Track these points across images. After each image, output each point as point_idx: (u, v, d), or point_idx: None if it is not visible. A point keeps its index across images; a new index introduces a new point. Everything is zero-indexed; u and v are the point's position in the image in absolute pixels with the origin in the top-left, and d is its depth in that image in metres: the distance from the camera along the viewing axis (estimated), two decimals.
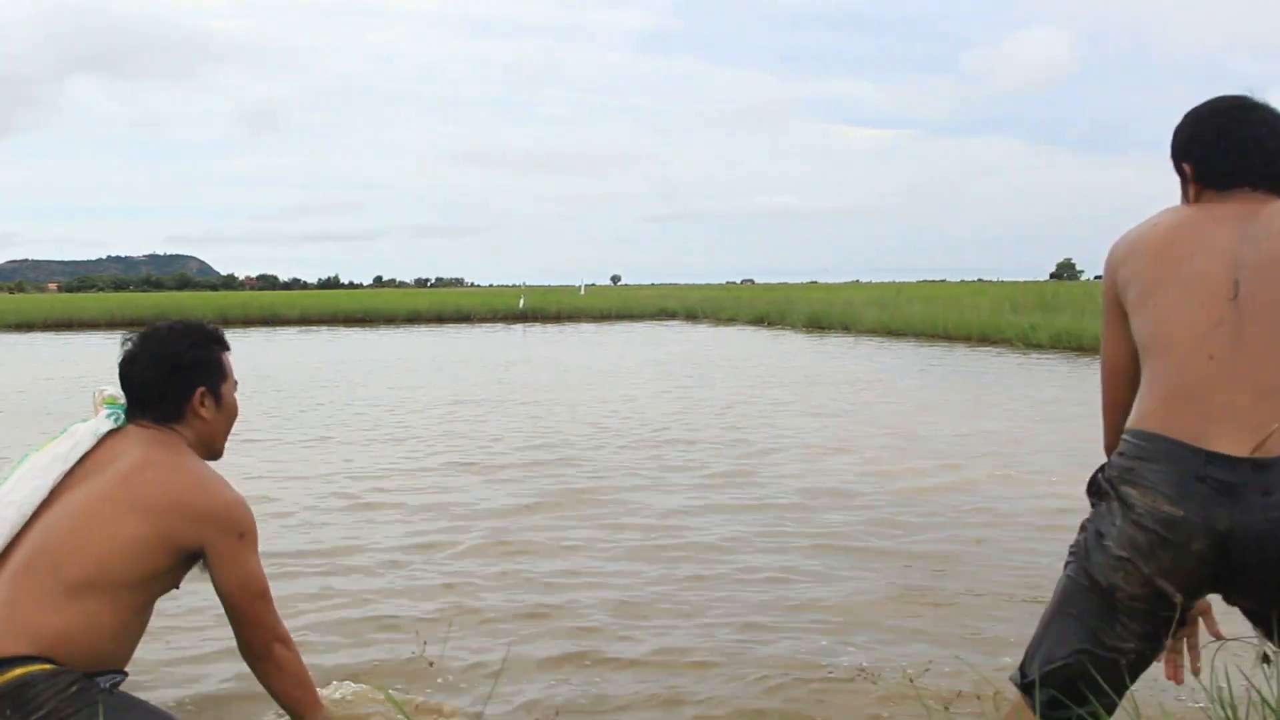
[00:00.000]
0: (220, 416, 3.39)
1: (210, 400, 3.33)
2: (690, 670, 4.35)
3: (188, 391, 3.30)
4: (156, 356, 3.29)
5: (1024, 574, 5.68)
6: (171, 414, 3.28)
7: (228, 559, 3.12)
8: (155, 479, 3.10)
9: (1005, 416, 12.30)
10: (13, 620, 2.88)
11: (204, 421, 3.33)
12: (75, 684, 2.87)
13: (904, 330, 29.72)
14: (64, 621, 2.91)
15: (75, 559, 2.96)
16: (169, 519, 3.05)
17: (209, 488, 3.16)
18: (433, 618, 5.02)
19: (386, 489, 8.12)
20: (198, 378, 3.32)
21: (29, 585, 2.94)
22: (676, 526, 6.81)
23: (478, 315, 45.40)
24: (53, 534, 3.01)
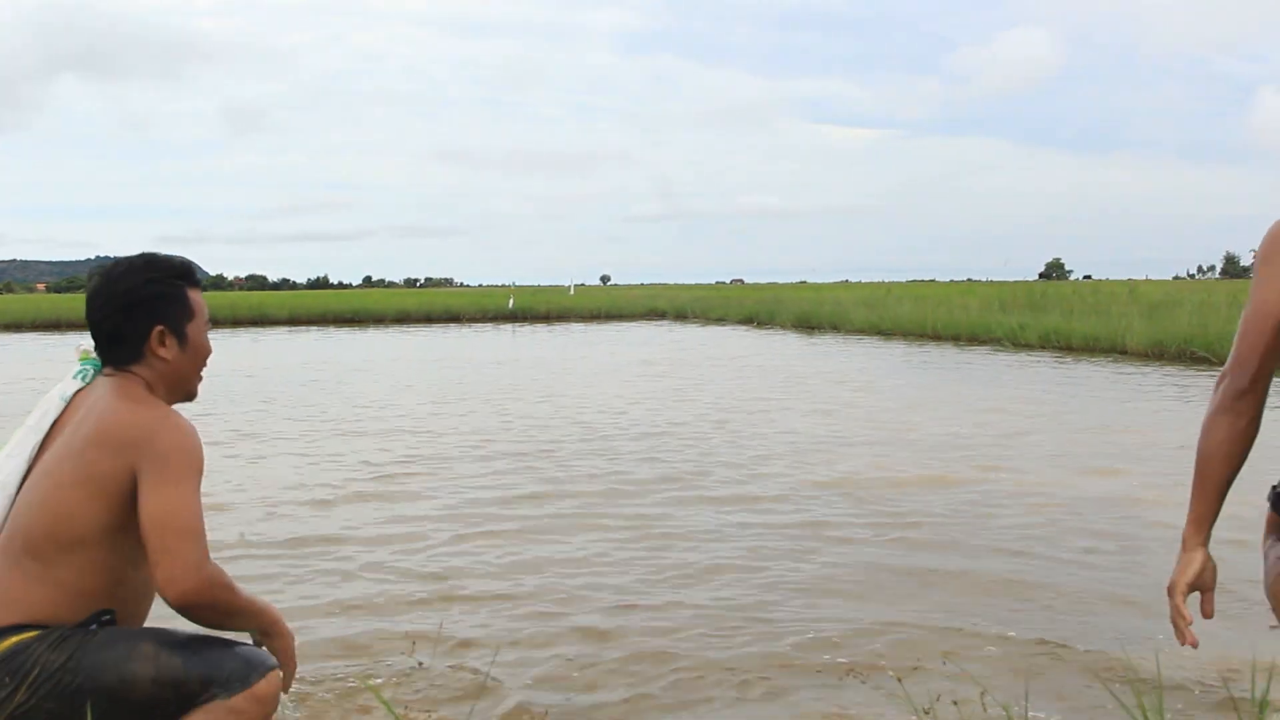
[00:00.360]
0: (184, 356, 3.15)
1: (171, 339, 3.10)
2: (682, 670, 4.34)
3: (145, 330, 3.08)
4: (112, 294, 3.10)
5: (1012, 572, 5.68)
6: (129, 355, 3.09)
7: (155, 483, 2.84)
8: (91, 423, 2.94)
9: (995, 414, 12.30)
10: (3, 596, 2.85)
11: (165, 362, 3.11)
12: (63, 636, 2.82)
13: (893, 330, 29.77)
14: (48, 590, 2.86)
15: (43, 527, 2.87)
16: (100, 458, 2.87)
17: (137, 415, 2.93)
18: (423, 616, 5.02)
19: (374, 485, 8.11)
20: (155, 315, 3.10)
21: (10, 560, 2.89)
22: (665, 526, 6.81)
23: (467, 315, 45.42)
24: (23, 507, 2.94)
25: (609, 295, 64.14)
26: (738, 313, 41.54)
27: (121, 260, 3.20)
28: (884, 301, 37.52)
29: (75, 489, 2.86)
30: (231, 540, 6.40)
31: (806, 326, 34.65)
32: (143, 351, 3.07)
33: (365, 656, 4.51)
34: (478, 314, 45.69)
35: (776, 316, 37.54)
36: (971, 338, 26.17)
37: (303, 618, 4.98)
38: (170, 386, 3.14)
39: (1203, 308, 25.64)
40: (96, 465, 2.86)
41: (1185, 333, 20.18)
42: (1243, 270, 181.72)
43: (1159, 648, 4.36)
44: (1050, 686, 3.98)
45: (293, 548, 6.31)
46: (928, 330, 28.19)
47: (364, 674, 4.26)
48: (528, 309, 46.96)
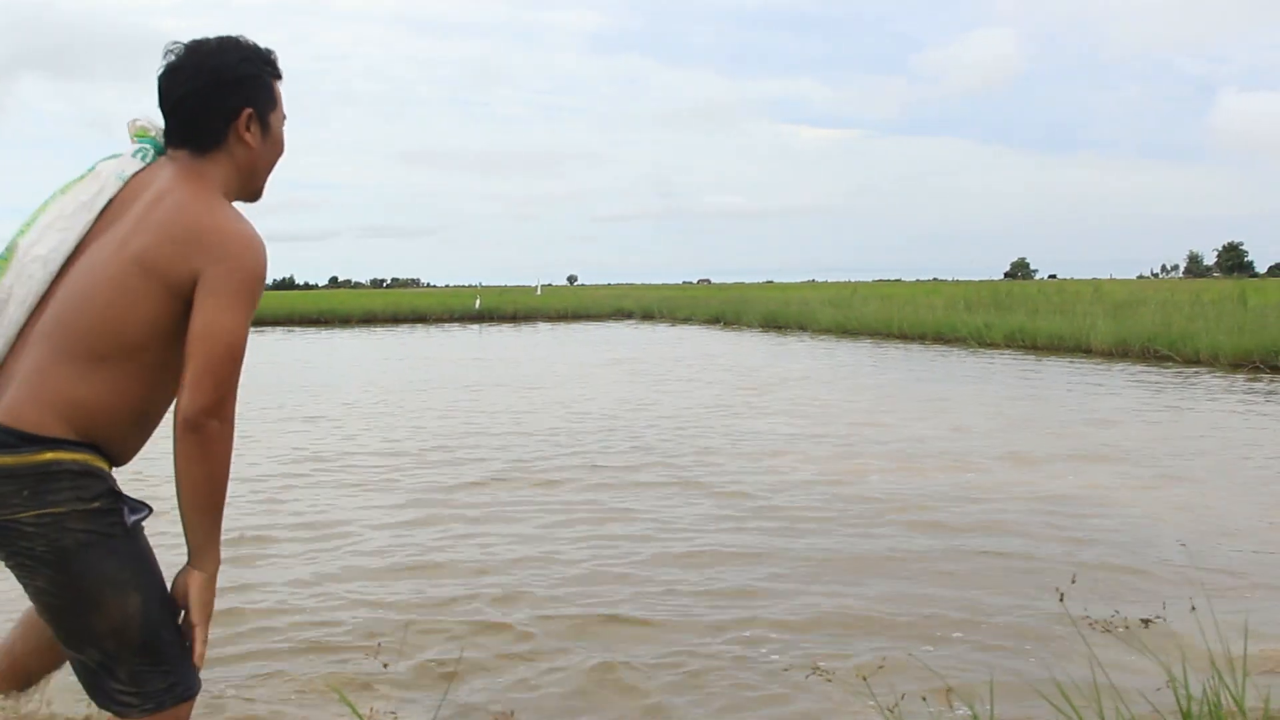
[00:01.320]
0: (266, 147, 3.01)
1: (256, 126, 2.95)
2: (641, 670, 4.32)
3: (234, 111, 2.91)
4: (201, 68, 2.88)
5: (976, 569, 5.69)
6: (211, 138, 2.90)
7: (214, 295, 2.68)
8: (157, 219, 2.74)
9: (959, 412, 12.34)
10: (42, 390, 2.67)
11: (248, 149, 2.96)
12: (99, 499, 2.67)
13: (859, 329, 29.87)
14: (90, 393, 2.68)
15: (93, 324, 2.69)
16: (163, 257, 2.69)
17: (215, 217, 2.77)
18: (388, 615, 4.97)
19: (334, 479, 8.06)
20: (246, 96, 2.93)
21: (54, 352, 2.69)
22: (631, 523, 6.78)
23: (433, 315, 45.33)
24: (73, 296, 2.74)
25: (576, 295, 64.18)
26: (705, 312, 41.60)
27: (208, 38, 2.97)
28: (850, 301, 37.65)
29: (133, 284, 2.69)
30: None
31: (773, 326, 34.74)
32: (226, 135, 2.92)
33: (327, 654, 4.47)
34: (444, 314, 45.62)
35: (743, 316, 37.61)
36: (937, 337, 26.28)
37: (263, 618, 4.94)
38: (244, 180, 2.99)
39: (1166, 306, 25.82)
40: (160, 262, 2.69)
41: (1149, 331, 20.31)
42: (1205, 270, 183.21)
43: (1123, 643, 4.39)
44: (1016, 682, 3.98)
45: (253, 544, 6.26)
46: (894, 330, 28.28)
47: (328, 676, 4.23)
48: (494, 309, 46.90)
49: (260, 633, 4.75)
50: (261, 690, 4.08)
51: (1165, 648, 3.49)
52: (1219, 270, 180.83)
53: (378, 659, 4.37)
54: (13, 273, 2.80)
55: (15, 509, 2.59)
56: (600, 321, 44.73)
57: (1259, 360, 17.35)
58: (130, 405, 2.74)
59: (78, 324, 2.69)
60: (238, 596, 5.22)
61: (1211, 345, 18.41)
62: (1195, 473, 8.45)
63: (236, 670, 4.28)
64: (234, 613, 4.96)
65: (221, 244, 2.71)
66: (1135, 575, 5.56)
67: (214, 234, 2.72)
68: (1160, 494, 7.57)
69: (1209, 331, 19.21)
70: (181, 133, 2.91)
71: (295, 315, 43.85)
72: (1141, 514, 6.92)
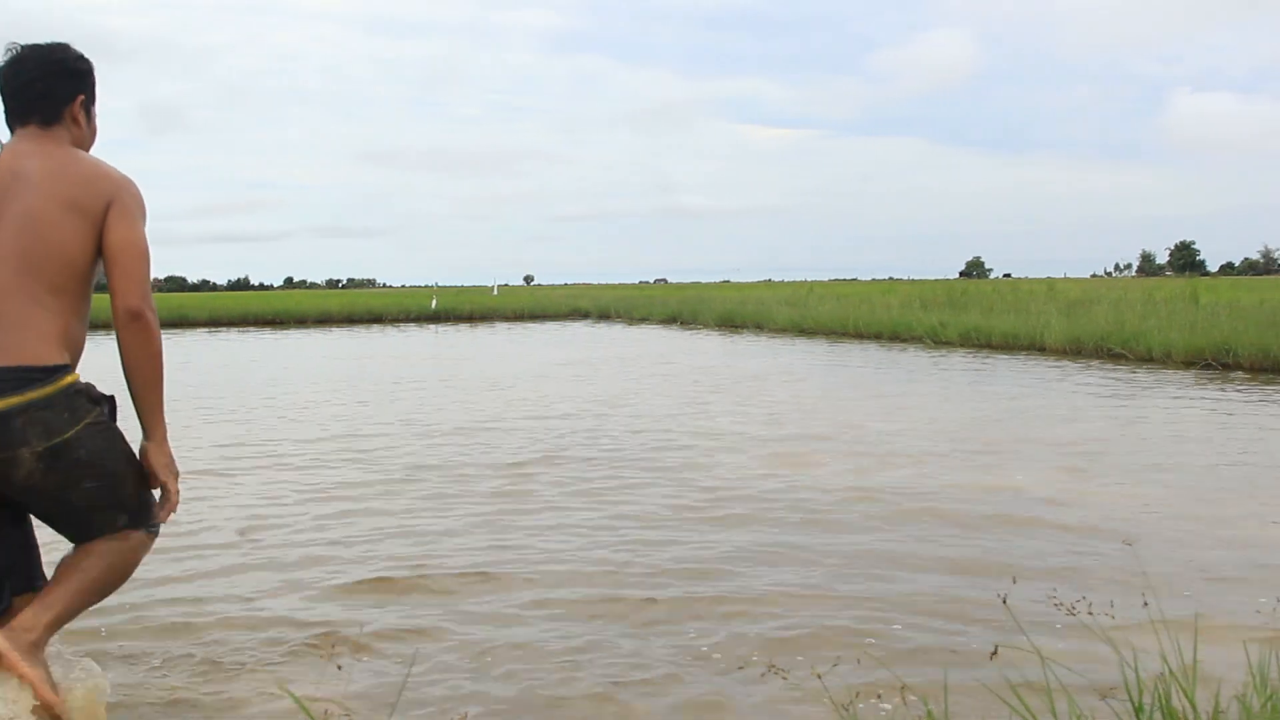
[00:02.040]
0: (88, 132, 3.71)
1: (84, 111, 3.67)
2: (593, 671, 4.30)
3: (71, 95, 3.62)
4: (47, 59, 3.59)
5: (931, 565, 5.70)
6: (53, 115, 3.58)
7: (124, 216, 3.46)
8: (74, 175, 3.46)
9: (915, 411, 12.38)
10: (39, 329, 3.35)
11: (78, 129, 3.66)
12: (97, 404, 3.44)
13: (815, 329, 29.98)
14: (63, 319, 3.41)
15: (53, 264, 3.38)
16: (91, 199, 3.43)
17: (112, 169, 3.55)
18: (341, 616, 4.95)
19: (291, 483, 8.01)
20: (79, 86, 3.66)
21: (31, 298, 3.36)
22: (587, 522, 6.77)
23: (390, 316, 45.18)
24: (27, 249, 3.38)
25: (532, 295, 64.21)
26: (661, 312, 41.64)
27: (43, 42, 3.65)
28: (806, 300, 37.79)
29: (71, 224, 3.40)
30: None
31: (730, 325, 34.81)
32: (63, 114, 3.60)
33: (278, 652, 4.43)
34: (400, 314, 45.49)
35: (700, 316, 37.66)
36: (893, 336, 26.40)
37: (211, 618, 4.90)
38: None
39: (1119, 305, 26.04)
40: (84, 202, 3.42)
41: (1102, 330, 20.47)
42: (1158, 268, 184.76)
43: (1075, 639, 4.41)
44: (970, 680, 3.99)
45: (188, 537, 6.20)
46: (849, 329, 28.38)
47: (281, 680, 4.19)
48: (451, 309, 46.84)
49: (209, 632, 4.71)
50: (210, 688, 4.04)
51: (1117, 643, 3.50)
52: (1171, 269, 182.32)
53: (331, 660, 4.33)
54: None
55: (64, 429, 3.31)
56: (557, 321, 44.72)
57: (1211, 358, 17.50)
58: (84, 320, 3.51)
59: (44, 268, 3.37)
60: (186, 589, 5.18)
61: (1164, 343, 18.56)
62: (1147, 469, 8.50)
63: (184, 669, 4.24)
64: (184, 607, 4.91)
65: (118, 183, 3.51)
66: (1086, 571, 5.59)
67: (109, 177, 3.51)
68: (1113, 490, 7.61)
69: (1162, 329, 19.37)
70: (28, 109, 3.57)
71: (250, 316, 43.65)
72: (1094, 510, 6.96)
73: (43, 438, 3.28)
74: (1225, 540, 6.18)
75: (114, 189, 3.48)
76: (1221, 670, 3.73)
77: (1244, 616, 4.82)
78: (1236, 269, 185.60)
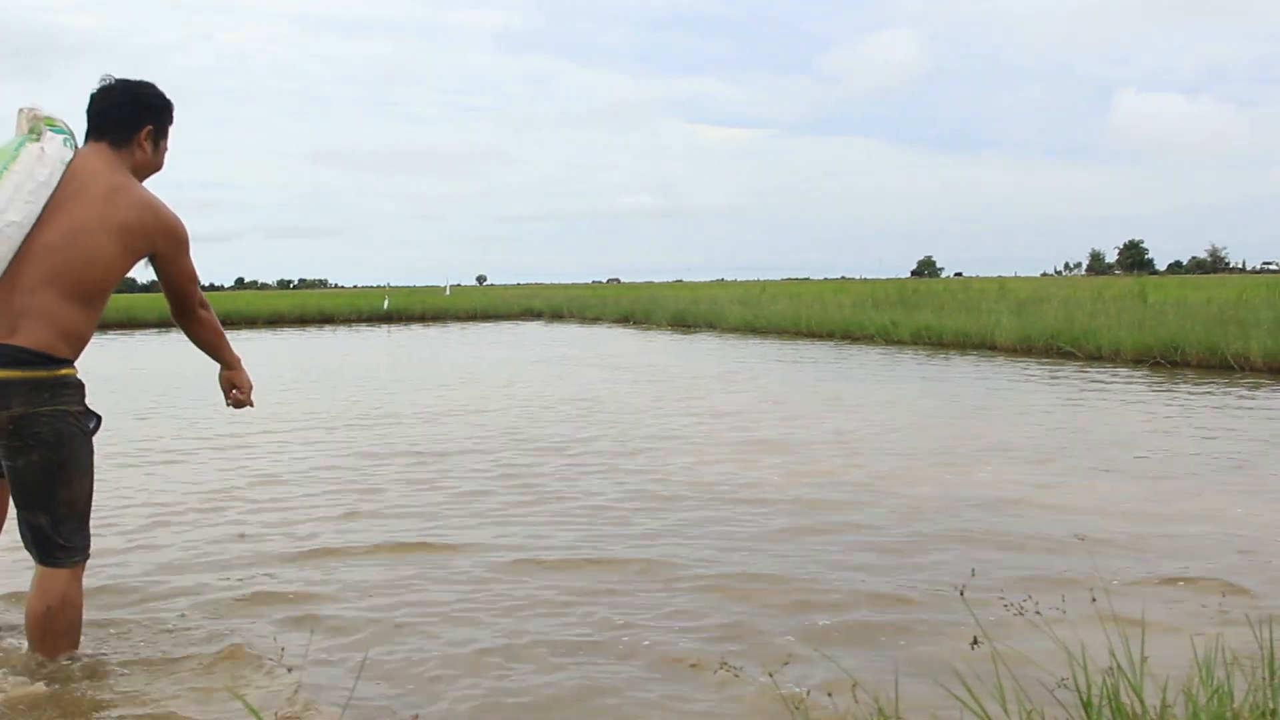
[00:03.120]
0: (150, 158, 4.41)
1: (149, 141, 4.38)
2: (539, 674, 4.29)
3: (140, 124, 4.34)
4: (129, 91, 4.36)
5: (878, 566, 5.72)
6: (123, 139, 4.31)
7: (174, 261, 4.33)
8: (126, 203, 4.14)
9: (866, 409, 12.43)
10: (55, 323, 4.01)
11: (142, 153, 4.37)
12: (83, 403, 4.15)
13: (768, 328, 30.05)
14: (79, 323, 4.09)
15: (85, 273, 4.06)
16: (136, 237, 4.16)
17: (162, 211, 4.25)
18: (291, 618, 4.91)
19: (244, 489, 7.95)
20: (150, 118, 4.38)
21: (59, 296, 4.03)
22: (533, 520, 6.75)
23: (341, 316, 44.95)
24: (62, 251, 4.04)
25: (485, 295, 64.08)
26: (614, 311, 41.63)
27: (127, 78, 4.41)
28: (759, 300, 37.93)
29: (114, 249, 4.11)
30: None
31: (682, 325, 34.84)
32: (131, 140, 4.33)
33: (230, 657, 4.39)
34: (352, 315, 45.24)
35: (653, 315, 37.67)
36: (845, 335, 26.50)
37: (156, 620, 4.85)
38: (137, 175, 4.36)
39: (1069, 303, 26.28)
40: (133, 236, 4.15)
41: (1052, 328, 20.63)
42: (1107, 267, 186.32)
43: (1024, 635, 4.43)
44: (921, 675, 4.00)
45: (142, 533, 6.14)
46: (802, 328, 28.46)
47: (234, 681, 4.15)
48: (403, 310, 46.68)
49: (154, 633, 4.67)
50: (158, 690, 4.00)
51: (1066, 639, 3.52)
52: (1120, 268, 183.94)
53: (281, 662, 4.30)
54: None
55: (39, 404, 3.97)
56: (510, 321, 44.65)
57: (1159, 355, 17.66)
58: (93, 325, 4.18)
59: (75, 278, 4.04)
60: (130, 580, 5.13)
61: (1113, 341, 18.72)
62: (1096, 466, 8.57)
63: (134, 671, 4.19)
64: (124, 598, 4.87)
65: (167, 225, 4.25)
66: (1037, 568, 5.62)
67: (158, 216, 4.22)
68: (1063, 488, 7.67)
69: (1111, 328, 19.54)
70: (105, 129, 4.30)
71: None
72: (1045, 507, 7.00)
73: (20, 406, 3.94)
74: (1173, 536, 6.23)
75: (162, 230, 4.23)
76: (1169, 665, 3.76)
77: (1191, 612, 4.86)
78: (1184, 268, 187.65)
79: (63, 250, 4.02)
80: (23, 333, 3.95)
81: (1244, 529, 6.38)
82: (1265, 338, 16.49)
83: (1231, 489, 7.61)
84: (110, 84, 4.34)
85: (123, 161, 4.28)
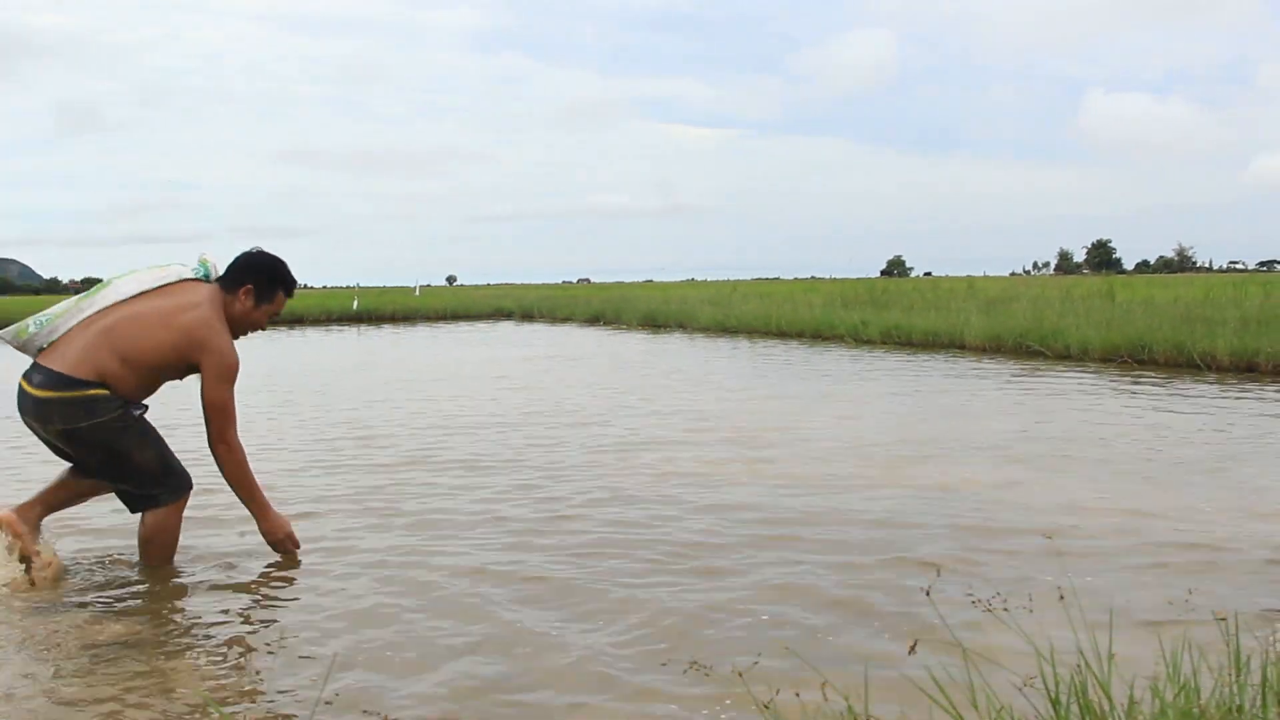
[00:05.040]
0: (246, 313, 5.71)
1: (250, 298, 5.70)
2: (520, 672, 4.29)
3: (243, 282, 5.69)
4: (248, 255, 5.76)
5: (846, 565, 5.73)
6: (230, 285, 5.69)
7: (209, 381, 5.44)
8: (193, 316, 5.45)
9: (836, 408, 12.45)
10: (92, 359, 5.31)
11: (239, 304, 5.69)
12: (120, 406, 5.36)
13: (739, 327, 30.08)
14: (116, 372, 5.33)
15: (132, 342, 5.36)
16: (187, 343, 5.41)
17: (217, 339, 5.45)
18: (258, 620, 4.90)
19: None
20: (253, 279, 5.71)
21: (106, 344, 5.33)
22: (506, 520, 6.74)
23: (311, 317, 44.76)
24: (130, 320, 5.41)
25: (455, 295, 63.87)
26: (585, 311, 41.59)
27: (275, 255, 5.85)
28: (729, 299, 37.93)
29: (164, 336, 5.40)
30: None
31: (653, 325, 34.84)
32: (236, 290, 5.68)
33: (201, 661, 4.37)
34: (322, 315, 45.08)
35: (623, 315, 37.64)
36: (815, 334, 26.53)
37: (129, 629, 4.83)
38: (232, 321, 5.68)
39: (1038, 302, 26.39)
40: (183, 341, 5.41)
41: (1021, 327, 20.70)
42: (1075, 267, 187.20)
43: (993, 632, 4.45)
44: (890, 674, 4.01)
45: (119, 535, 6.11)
46: (772, 327, 28.49)
47: (200, 686, 4.14)
48: (373, 310, 46.53)
49: (129, 642, 4.65)
50: (134, 697, 3.98)
51: (1034, 636, 3.54)
52: (1088, 267, 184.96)
53: (250, 661, 4.29)
54: (104, 293, 5.55)
55: (78, 421, 5.28)
56: (480, 321, 44.58)
57: (1127, 354, 17.76)
58: (133, 385, 5.42)
59: (129, 342, 5.37)
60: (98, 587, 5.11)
61: (1081, 340, 18.80)
62: (1065, 463, 8.61)
63: (105, 679, 4.18)
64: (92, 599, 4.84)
65: (214, 356, 5.44)
66: (1005, 566, 5.64)
67: (213, 348, 5.44)
68: (1032, 485, 7.70)
69: (1079, 327, 19.61)
70: (222, 278, 5.74)
71: None
72: (1013, 505, 7.03)
73: (60, 422, 5.29)
74: (1140, 533, 6.27)
75: (207, 349, 5.41)
76: (1136, 662, 3.78)
77: (1158, 608, 4.88)
78: (1152, 267, 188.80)
79: (127, 322, 5.41)
80: (68, 364, 5.29)
81: (1211, 525, 6.41)
82: (1231, 336, 16.59)
83: (1199, 485, 7.65)
84: (247, 250, 5.77)
85: (224, 303, 5.61)
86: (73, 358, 5.29)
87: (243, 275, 5.67)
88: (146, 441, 5.48)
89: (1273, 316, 18.74)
